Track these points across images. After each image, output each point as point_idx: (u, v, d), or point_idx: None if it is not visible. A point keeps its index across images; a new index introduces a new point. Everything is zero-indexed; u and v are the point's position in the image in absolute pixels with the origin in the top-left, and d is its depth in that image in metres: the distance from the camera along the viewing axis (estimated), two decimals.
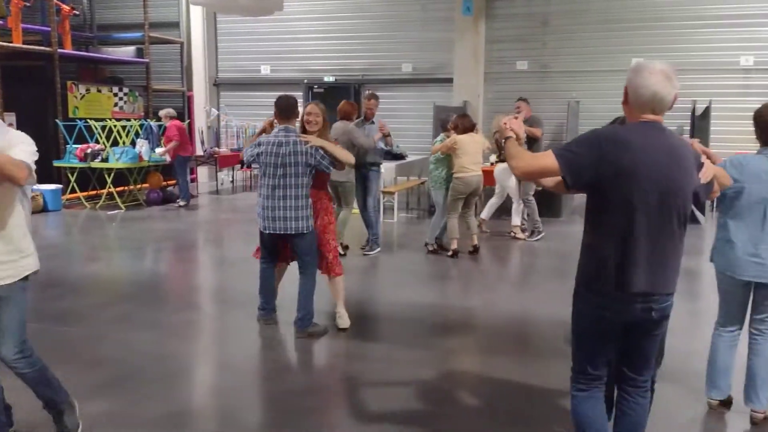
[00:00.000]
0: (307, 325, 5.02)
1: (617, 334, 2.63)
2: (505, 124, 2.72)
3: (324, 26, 14.46)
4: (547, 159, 2.52)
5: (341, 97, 13.79)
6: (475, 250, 7.83)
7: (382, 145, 7.78)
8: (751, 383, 3.60)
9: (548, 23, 12.94)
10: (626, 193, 2.47)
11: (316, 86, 14.39)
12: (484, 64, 13.27)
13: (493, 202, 9.18)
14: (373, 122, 7.82)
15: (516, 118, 2.76)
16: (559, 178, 2.55)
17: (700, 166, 2.64)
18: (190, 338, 5.10)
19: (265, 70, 15.19)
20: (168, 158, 11.53)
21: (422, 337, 5.08)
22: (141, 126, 12.34)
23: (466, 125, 7.68)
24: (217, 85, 15.64)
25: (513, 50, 13.19)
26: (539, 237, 8.72)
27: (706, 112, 9.74)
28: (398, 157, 11.44)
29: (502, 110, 13.04)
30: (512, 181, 8.66)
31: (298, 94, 14.56)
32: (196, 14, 15.08)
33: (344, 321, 5.16)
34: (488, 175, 8.99)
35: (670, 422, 3.64)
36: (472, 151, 7.54)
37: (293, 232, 4.84)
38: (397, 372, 4.34)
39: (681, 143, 2.63)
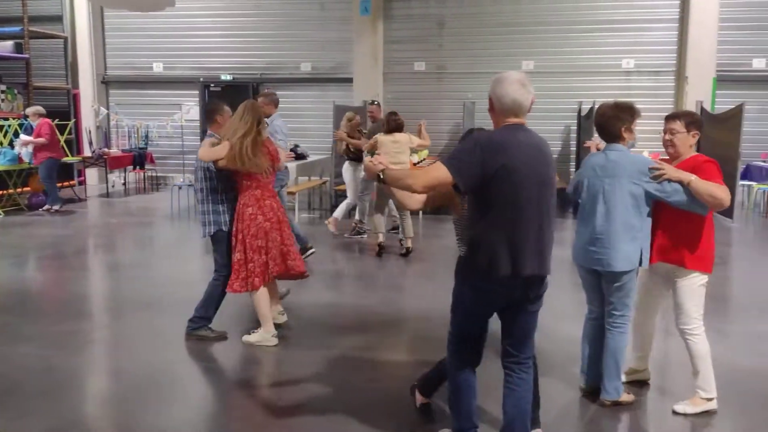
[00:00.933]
0: (196, 327, 4.86)
1: (494, 310, 2.99)
2: (371, 162, 2.95)
3: (220, 23, 14.10)
4: (439, 170, 2.79)
5: (239, 96, 13.62)
6: (407, 253, 7.80)
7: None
8: (603, 373, 3.74)
9: (444, 25, 13.25)
10: (511, 188, 2.77)
11: (212, 85, 14.00)
12: (382, 65, 13.40)
13: (347, 203, 9.11)
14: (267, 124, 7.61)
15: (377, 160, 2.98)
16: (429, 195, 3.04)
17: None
18: (77, 349, 4.80)
19: (158, 68, 14.61)
20: (32, 159, 10.62)
21: (321, 338, 5.04)
22: (21, 126, 11.54)
23: (391, 125, 7.73)
24: (106, 82, 14.88)
25: (411, 51, 13.40)
26: (359, 237, 8.73)
27: (591, 112, 10.28)
28: (300, 157, 11.33)
29: (399, 110, 13.23)
30: (350, 180, 8.95)
31: (194, 93, 14.15)
32: (81, 8, 14.28)
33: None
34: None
35: (550, 407, 3.79)
36: (392, 151, 7.58)
37: (202, 236, 4.78)
38: (292, 373, 4.28)
39: (543, 141, 2.97)
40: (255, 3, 13.92)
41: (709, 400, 3.68)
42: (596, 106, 10.07)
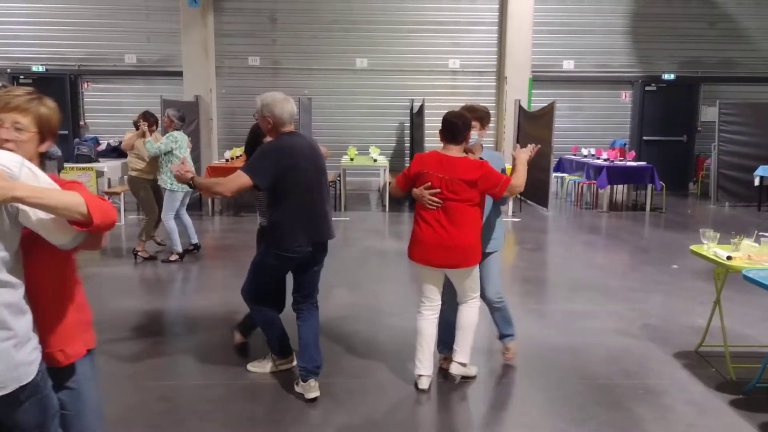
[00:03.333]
0: None
1: (290, 270, 3.92)
2: (179, 172, 3.61)
3: (30, 8, 12.85)
4: (242, 177, 3.57)
5: (54, 90, 12.54)
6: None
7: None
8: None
9: (277, 20, 13.08)
10: (297, 179, 3.67)
11: (22, 76, 12.75)
12: (215, 59, 12.96)
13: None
14: None
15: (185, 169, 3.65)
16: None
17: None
18: None
19: None
20: None
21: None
22: None
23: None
24: None
25: (243, 45, 13.09)
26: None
27: (421, 109, 10.68)
28: (125, 154, 10.61)
29: (235, 105, 12.95)
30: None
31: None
32: None
33: None
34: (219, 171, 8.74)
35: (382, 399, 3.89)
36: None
37: None
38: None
39: (313, 141, 3.93)
40: None
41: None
42: (425, 104, 10.57)
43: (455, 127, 3.79)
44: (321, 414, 3.67)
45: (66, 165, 9.90)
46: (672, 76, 13.55)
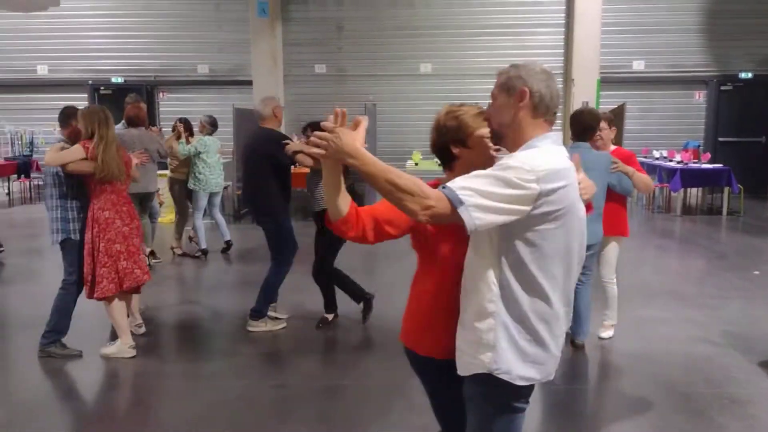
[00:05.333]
0: (46, 343, 4.61)
1: None
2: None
3: (109, 23, 13.51)
4: None
5: None
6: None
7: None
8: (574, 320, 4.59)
9: (343, 28, 13.29)
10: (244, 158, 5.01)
11: (102, 88, 13.38)
12: (282, 67, 13.27)
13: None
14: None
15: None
16: None
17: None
18: None
19: (43, 70, 13.81)
20: None
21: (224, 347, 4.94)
22: None
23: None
24: None
25: (310, 54, 13.36)
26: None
27: None
28: None
29: (301, 112, 13.22)
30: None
31: (83, 96, 13.46)
32: None
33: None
34: None
35: None
36: None
37: (51, 244, 4.60)
38: (196, 386, 4.17)
39: (261, 132, 4.95)
40: (145, 3, 13.43)
41: None
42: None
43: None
44: (398, 415, 3.73)
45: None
46: (749, 75, 13.02)
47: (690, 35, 12.99)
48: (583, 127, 4.35)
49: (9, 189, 13.25)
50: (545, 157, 1.88)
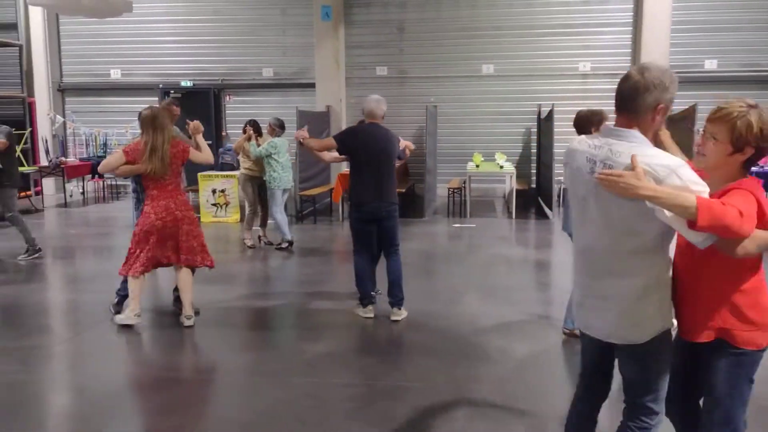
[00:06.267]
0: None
1: (373, 225, 5.37)
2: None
3: (179, 29, 13.96)
4: (331, 140, 5.38)
5: (200, 103, 13.52)
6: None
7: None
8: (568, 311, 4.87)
9: (404, 30, 13.34)
10: (361, 156, 5.28)
11: (172, 91, 13.83)
12: (345, 70, 13.42)
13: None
14: None
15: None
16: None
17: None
18: (39, 364, 4.70)
19: (116, 74, 14.39)
20: None
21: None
22: None
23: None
24: (62, 90, 14.60)
25: (372, 56, 13.46)
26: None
27: (550, 114, 10.47)
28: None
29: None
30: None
31: (153, 100, 13.94)
32: (36, 15, 13.98)
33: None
34: None
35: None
36: None
37: None
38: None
39: (387, 131, 5.38)
40: (214, 9, 13.82)
41: None
42: (555, 109, 10.34)
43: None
44: (464, 419, 3.72)
45: (210, 173, 10.66)
46: None
47: (765, 33, 12.45)
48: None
49: (84, 188, 13.87)
50: None
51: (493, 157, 12.17)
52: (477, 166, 11.54)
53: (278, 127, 8.32)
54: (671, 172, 2.11)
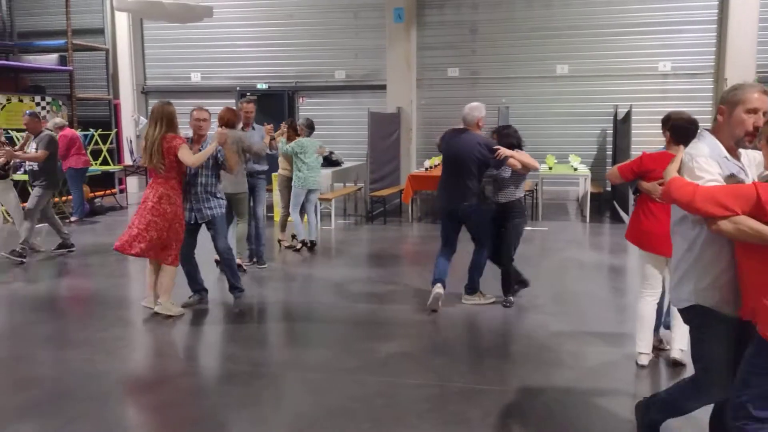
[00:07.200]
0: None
1: (457, 223, 5.88)
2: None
3: (255, 33, 14.34)
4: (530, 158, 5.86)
5: (275, 104, 13.85)
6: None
7: (267, 150, 7.48)
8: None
9: (477, 31, 13.25)
10: (445, 159, 5.87)
11: (248, 93, 14.19)
12: (416, 71, 13.45)
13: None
14: (254, 128, 7.59)
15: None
16: None
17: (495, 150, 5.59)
18: (123, 354, 4.95)
19: (196, 78, 14.92)
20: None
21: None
22: None
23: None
24: (146, 92, 15.25)
25: (444, 57, 13.43)
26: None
27: (627, 116, 10.17)
28: (334, 163, 11.46)
29: (433, 116, 13.32)
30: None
31: (231, 102, 14.38)
32: (122, 21, 14.67)
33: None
34: None
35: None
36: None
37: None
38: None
39: (471, 139, 5.65)
40: (288, 13, 14.12)
41: None
42: (632, 110, 10.03)
43: (689, 131, 4.03)
44: (534, 422, 3.69)
45: None
46: None
47: None
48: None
49: None
50: None
51: (567, 159, 11.93)
52: (550, 168, 11.34)
53: (307, 128, 8.35)
54: (691, 158, 2.70)
